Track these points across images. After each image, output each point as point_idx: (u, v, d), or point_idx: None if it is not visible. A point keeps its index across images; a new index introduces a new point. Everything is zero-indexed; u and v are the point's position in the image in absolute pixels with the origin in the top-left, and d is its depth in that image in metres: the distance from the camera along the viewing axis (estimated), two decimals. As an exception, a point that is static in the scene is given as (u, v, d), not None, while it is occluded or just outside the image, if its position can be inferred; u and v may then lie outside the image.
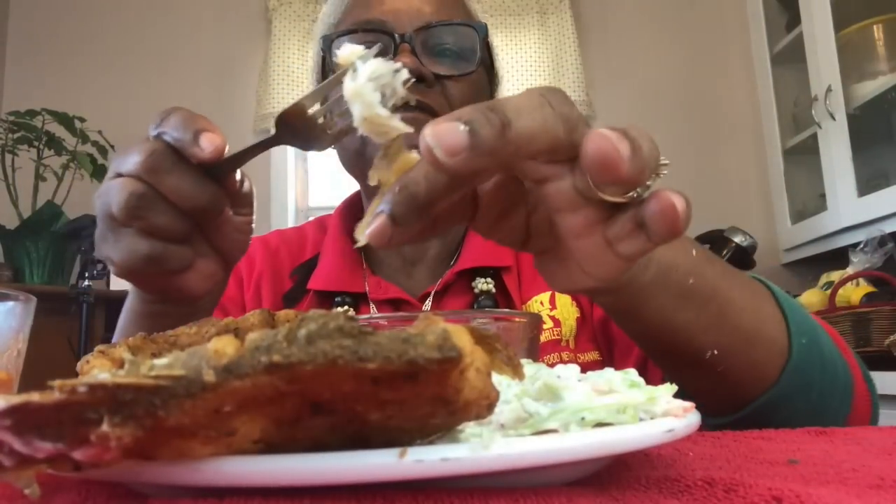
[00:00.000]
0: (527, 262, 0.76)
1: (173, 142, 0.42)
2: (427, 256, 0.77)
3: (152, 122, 0.43)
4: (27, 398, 0.19)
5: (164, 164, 0.41)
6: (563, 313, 0.73)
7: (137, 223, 0.42)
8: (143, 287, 0.49)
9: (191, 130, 0.41)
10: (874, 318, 1.60)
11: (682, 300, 0.44)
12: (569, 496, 0.24)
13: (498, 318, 0.43)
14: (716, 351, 0.46)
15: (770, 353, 0.48)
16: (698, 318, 0.45)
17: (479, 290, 0.73)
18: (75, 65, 2.48)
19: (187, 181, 0.42)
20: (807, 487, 0.24)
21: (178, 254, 0.44)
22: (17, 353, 0.40)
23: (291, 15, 2.48)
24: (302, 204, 2.53)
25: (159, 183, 0.42)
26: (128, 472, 0.22)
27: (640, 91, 2.52)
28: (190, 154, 0.42)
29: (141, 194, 0.41)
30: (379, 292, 0.74)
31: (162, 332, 0.34)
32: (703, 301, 0.45)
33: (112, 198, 0.42)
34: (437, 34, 0.70)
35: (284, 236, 0.84)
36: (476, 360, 0.22)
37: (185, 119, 0.42)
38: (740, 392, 0.49)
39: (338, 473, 0.21)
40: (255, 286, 0.78)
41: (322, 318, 0.20)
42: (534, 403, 0.28)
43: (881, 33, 1.98)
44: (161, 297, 0.50)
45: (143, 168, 0.41)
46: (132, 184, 0.42)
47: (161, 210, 0.42)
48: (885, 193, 1.78)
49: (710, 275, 0.45)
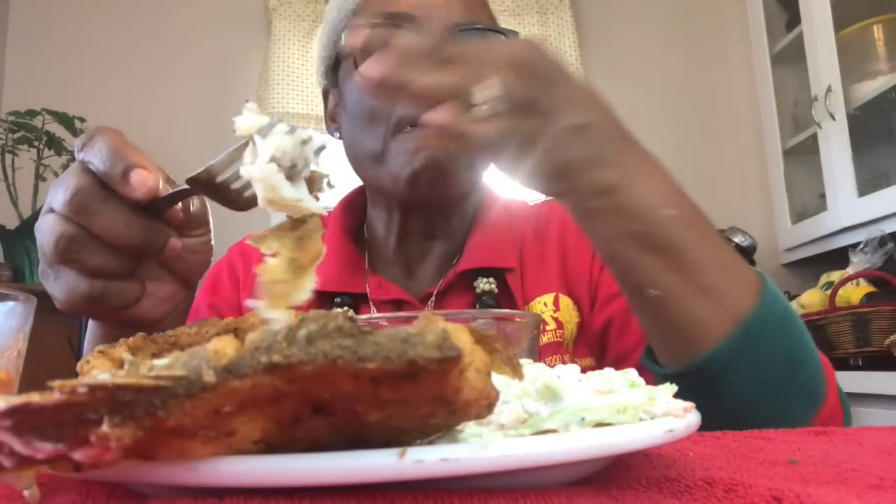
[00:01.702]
0: (530, 263, 0.76)
1: (102, 176, 0.39)
2: (429, 257, 0.76)
3: (77, 144, 0.41)
4: (27, 399, 0.19)
5: (93, 204, 0.39)
6: (565, 316, 0.72)
7: (71, 265, 0.40)
8: (95, 318, 0.48)
9: (120, 165, 0.38)
10: (874, 318, 1.60)
11: (629, 238, 0.47)
12: (569, 496, 0.24)
13: (498, 318, 0.43)
14: (656, 292, 0.48)
15: (717, 314, 0.48)
16: (643, 258, 0.47)
17: (480, 291, 0.72)
18: (75, 65, 2.48)
19: (119, 220, 0.39)
20: (807, 487, 0.24)
21: (122, 290, 0.42)
22: (17, 353, 0.40)
23: (291, 15, 2.48)
24: (302, 204, 2.53)
25: (89, 224, 0.39)
26: (128, 472, 0.22)
27: (640, 91, 2.52)
28: (120, 192, 0.39)
29: (70, 236, 0.39)
30: (380, 293, 0.73)
31: (162, 333, 0.34)
32: (653, 248, 0.47)
33: (43, 238, 0.40)
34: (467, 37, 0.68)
35: None
36: (476, 359, 0.22)
37: (112, 150, 0.39)
38: (684, 343, 0.49)
39: (338, 473, 0.21)
40: (252, 287, 0.77)
41: (322, 319, 0.20)
42: (534, 403, 0.28)
43: (881, 33, 1.98)
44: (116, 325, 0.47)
45: (71, 208, 0.39)
46: (61, 224, 0.39)
47: (94, 250, 0.40)
48: (885, 193, 1.78)
49: (671, 229, 0.47)
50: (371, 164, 0.70)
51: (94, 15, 2.54)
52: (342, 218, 0.80)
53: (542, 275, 0.75)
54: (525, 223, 0.80)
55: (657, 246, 0.47)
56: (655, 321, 0.51)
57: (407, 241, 0.75)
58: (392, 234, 0.75)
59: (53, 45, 2.51)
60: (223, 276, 0.79)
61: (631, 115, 2.31)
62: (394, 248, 0.76)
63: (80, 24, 2.53)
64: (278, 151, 0.31)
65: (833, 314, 1.64)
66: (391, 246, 0.76)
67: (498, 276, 0.73)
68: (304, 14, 2.48)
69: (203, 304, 0.77)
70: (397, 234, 0.75)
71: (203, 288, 0.79)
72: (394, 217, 0.74)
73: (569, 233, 0.77)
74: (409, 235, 0.75)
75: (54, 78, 2.46)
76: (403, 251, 0.76)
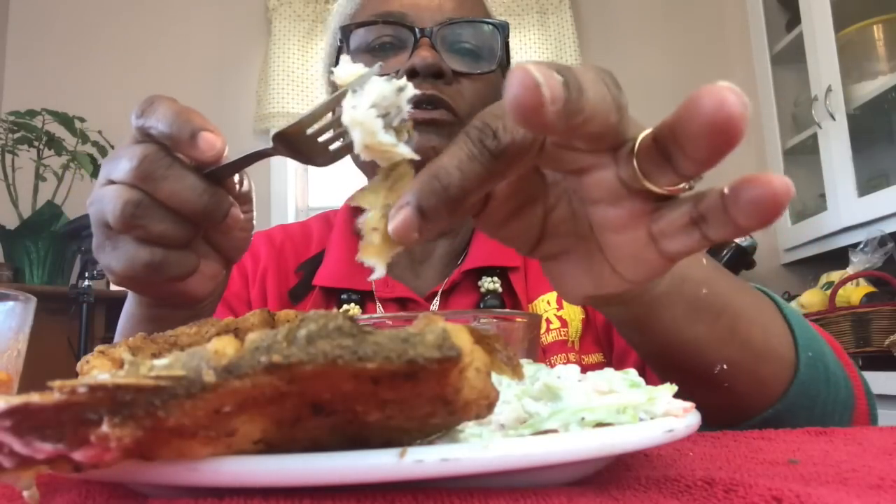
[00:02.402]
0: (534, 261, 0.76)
1: (167, 140, 0.39)
2: (435, 255, 0.76)
3: (135, 111, 0.40)
4: (27, 399, 0.19)
5: (159, 170, 0.39)
6: (569, 314, 0.72)
7: (135, 232, 0.40)
8: (145, 293, 0.48)
9: (187, 129, 0.38)
10: (874, 318, 1.60)
11: (695, 312, 0.42)
12: (569, 496, 0.24)
13: (498, 318, 0.43)
14: (725, 366, 0.44)
15: (778, 369, 0.47)
16: (710, 331, 0.43)
17: (485, 290, 0.72)
18: (75, 65, 2.48)
19: (186, 186, 0.39)
20: (807, 487, 0.24)
21: (181, 260, 0.41)
22: (17, 353, 0.40)
23: (291, 15, 2.48)
24: (302, 204, 2.53)
25: (155, 190, 0.39)
26: (128, 472, 0.22)
27: (640, 91, 2.51)
28: (188, 155, 0.39)
29: (137, 202, 0.39)
30: (386, 291, 0.74)
31: (162, 333, 0.34)
32: (715, 314, 0.43)
33: (106, 206, 0.40)
34: (459, 30, 0.69)
35: (288, 231, 0.83)
36: (476, 359, 0.22)
37: (177, 114, 0.39)
38: (745, 406, 0.48)
39: (338, 473, 0.21)
40: (261, 282, 0.77)
41: (322, 319, 0.20)
42: (534, 403, 0.28)
43: (881, 33, 1.98)
44: (163, 302, 0.48)
45: (137, 175, 0.39)
46: (126, 191, 0.39)
47: (159, 217, 0.39)
48: (885, 193, 1.78)
49: (722, 286, 0.44)
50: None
51: (94, 15, 2.54)
52: (349, 215, 0.80)
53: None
54: None
55: (719, 311, 0.43)
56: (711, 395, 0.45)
57: None
58: None
59: (53, 45, 2.51)
60: (232, 272, 0.79)
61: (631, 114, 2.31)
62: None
63: (80, 24, 2.53)
64: (378, 98, 0.32)
65: (833, 314, 1.64)
66: None
67: (502, 275, 0.73)
68: (304, 14, 2.48)
69: None
70: None
71: None
72: None
73: None
74: None
75: (54, 78, 2.46)
76: (409, 249, 0.76)
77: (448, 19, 0.68)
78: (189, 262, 0.42)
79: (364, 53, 0.70)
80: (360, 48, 0.70)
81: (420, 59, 0.65)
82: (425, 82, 0.65)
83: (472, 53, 0.71)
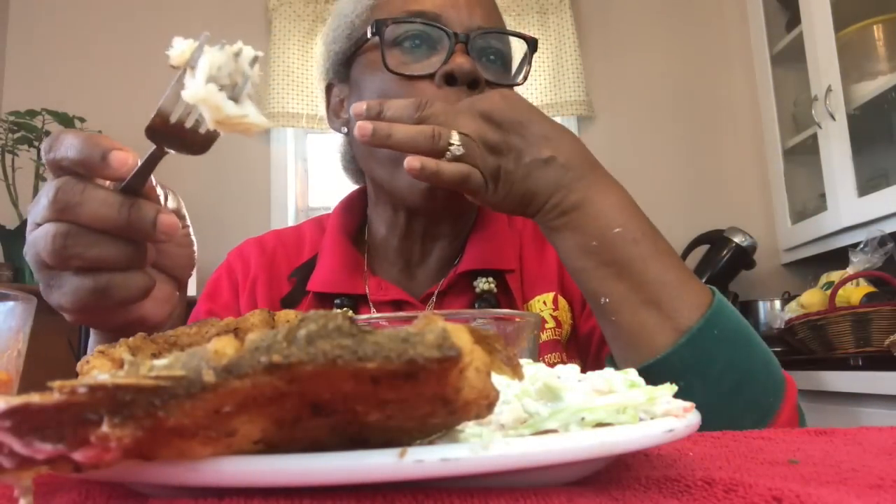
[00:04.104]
0: (529, 262, 0.76)
1: (80, 167, 0.40)
2: (430, 259, 0.76)
3: (43, 147, 0.42)
4: (27, 399, 0.19)
5: (74, 197, 0.40)
6: (563, 315, 0.73)
7: (72, 262, 0.41)
8: (103, 326, 0.48)
9: (97, 152, 0.40)
10: (874, 318, 1.60)
11: (584, 252, 0.55)
12: (569, 496, 0.24)
13: (498, 318, 0.43)
14: (607, 300, 0.55)
15: (662, 324, 0.54)
16: (595, 269, 0.55)
17: (480, 290, 0.72)
18: (75, 65, 2.48)
19: (103, 204, 0.40)
20: (807, 487, 0.24)
21: (127, 281, 0.42)
22: (17, 353, 0.40)
23: (291, 15, 2.48)
24: (302, 204, 2.53)
25: (77, 216, 0.40)
26: (128, 472, 0.22)
27: (640, 91, 2.52)
28: (103, 176, 0.40)
29: (64, 233, 0.40)
30: (380, 294, 0.73)
31: (162, 333, 0.34)
32: (604, 261, 0.55)
33: (39, 247, 0.41)
34: (490, 40, 0.69)
35: (281, 237, 0.83)
36: (476, 359, 0.22)
37: (85, 141, 0.40)
38: (633, 349, 0.55)
39: (338, 473, 0.21)
40: (250, 291, 0.77)
41: (322, 319, 0.20)
42: (534, 403, 0.28)
43: (881, 33, 1.98)
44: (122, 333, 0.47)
45: (56, 208, 0.40)
46: (52, 227, 0.40)
47: (90, 242, 0.40)
48: (885, 193, 1.78)
49: (619, 245, 0.54)
50: (389, 164, 0.69)
51: (94, 15, 2.54)
52: (342, 220, 0.80)
53: (541, 274, 0.76)
54: (524, 222, 0.81)
55: (607, 260, 0.54)
56: (608, 328, 0.57)
57: (409, 241, 0.75)
58: (395, 234, 0.75)
59: (53, 45, 2.51)
60: (222, 281, 0.79)
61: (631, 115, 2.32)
62: (395, 249, 0.76)
63: (80, 24, 2.53)
64: (213, 69, 0.32)
65: (833, 314, 1.64)
66: (393, 246, 0.76)
67: (498, 275, 0.74)
68: (304, 14, 2.48)
69: (202, 310, 0.77)
70: (400, 235, 0.75)
71: (203, 295, 0.79)
72: (399, 217, 0.74)
73: None
74: (413, 236, 0.75)
75: (54, 78, 2.46)
76: (405, 252, 0.76)
77: (480, 27, 0.68)
78: (136, 282, 0.43)
79: (395, 49, 0.69)
80: (392, 44, 0.69)
81: (458, 65, 0.65)
82: (461, 91, 0.65)
83: (502, 64, 0.71)
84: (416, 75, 0.67)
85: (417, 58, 0.68)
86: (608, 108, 2.50)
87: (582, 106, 2.42)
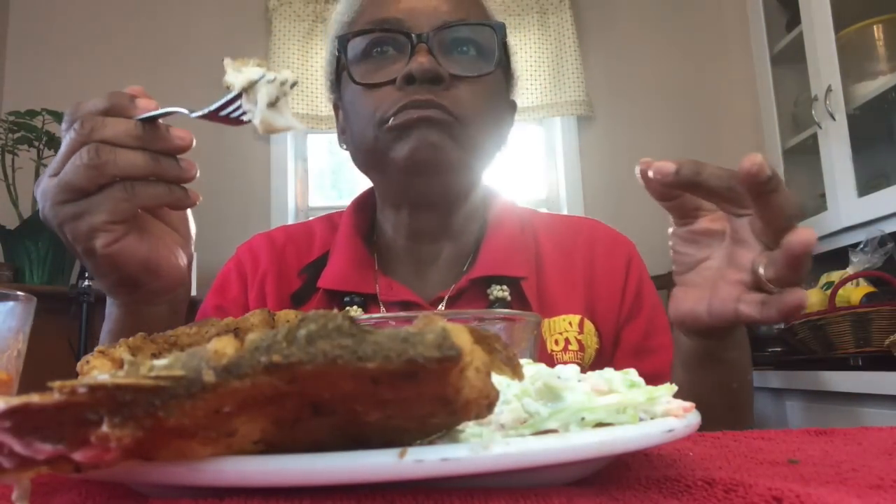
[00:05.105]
0: (553, 276, 0.75)
1: (109, 109, 0.47)
2: (440, 259, 0.76)
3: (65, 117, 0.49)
4: (27, 400, 0.19)
5: (96, 122, 0.47)
6: (587, 340, 0.73)
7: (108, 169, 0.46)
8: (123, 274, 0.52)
9: (125, 97, 0.48)
10: (874, 318, 1.59)
11: (740, 350, 0.60)
12: (569, 496, 0.24)
13: (498, 319, 0.43)
14: (735, 384, 0.60)
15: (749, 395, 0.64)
16: (741, 358, 0.61)
17: (493, 298, 0.71)
18: (75, 65, 2.48)
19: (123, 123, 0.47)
20: (807, 487, 0.24)
21: (153, 187, 0.48)
22: (17, 353, 0.40)
23: (291, 15, 2.48)
24: (302, 204, 2.53)
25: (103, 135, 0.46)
26: (128, 472, 0.22)
27: (640, 91, 2.52)
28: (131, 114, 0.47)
29: (95, 148, 0.46)
30: (390, 294, 0.73)
31: (162, 333, 0.34)
32: (742, 354, 0.61)
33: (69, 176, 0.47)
34: (455, 33, 0.69)
35: (291, 233, 0.82)
36: (476, 359, 0.22)
37: (111, 94, 0.48)
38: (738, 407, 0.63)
39: (338, 473, 0.21)
40: (259, 286, 0.76)
41: (322, 319, 0.20)
42: (534, 403, 0.28)
43: (881, 33, 1.97)
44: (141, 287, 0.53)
45: (83, 132, 0.46)
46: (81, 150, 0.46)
47: (118, 153, 0.46)
48: (885, 193, 1.78)
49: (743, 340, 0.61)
50: (371, 158, 0.71)
51: (94, 15, 2.54)
52: (354, 218, 0.79)
53: (567, 293, 0.75)
54: (546, 233, 0.80)
55: (745, 351, 0.62)
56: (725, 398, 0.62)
57: (415, 241, 0.75)
58: (400, 234, 0.75)
59: (53, 45, 2.51)
60: (231, 276, 0.79)
61: (631, 114, 2.32)
62: (403, 249, 0.76)
63: (80, 25, 2.53)
64: (268, 98, 0.43)
65: (833, 314, 1.64)
66: (400, 247, 0.76)
67: (512, 283, 0.72)
68: (304, 14, 2.48)
69: (210, 306, 0.77)
70: (405, 235, 0.75)
71: (211, 290, 0.79)
72: (402, 215, 0.74)
73: (598, 262, 0.77)
74: (418, 235, 0.75)
75: (54, 78, 2.46)
76: (413, 252, 0.75)
77: (444, 22, 0.68)
78: (161, 189, 0.49)
79: (362, 62, 0.70)
80: (358, 57, 0.70)
81: (417, 65, 0.65)
82: (422, 88, 0.65)
83: (470, 56, 0.70)
84: (379, 83, 0.68)
85: (384, 65, 0.69)
86: (608, 108, 2.50)
87: (582, 106, 2.42)
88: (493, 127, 0.73)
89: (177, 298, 0.57)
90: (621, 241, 0.81)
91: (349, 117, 0.73)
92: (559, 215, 0.87)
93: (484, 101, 0.69)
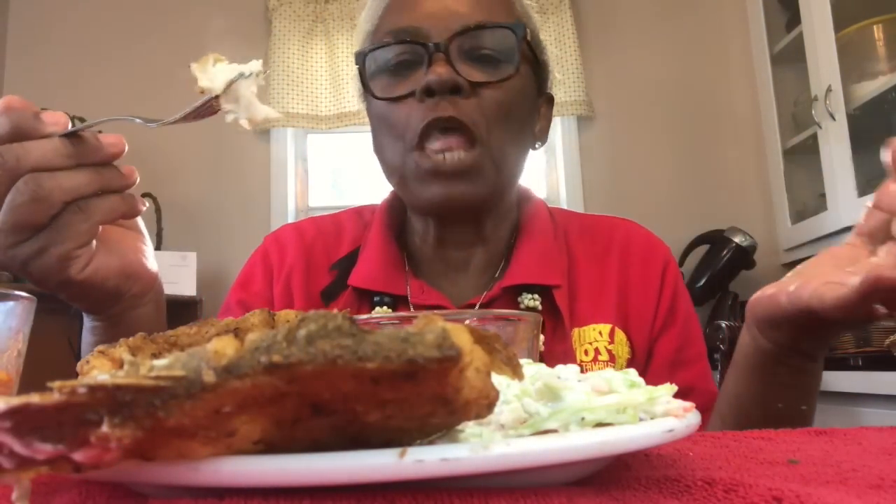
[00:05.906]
0: (585, 283, 0.74)
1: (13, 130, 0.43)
2: (472, 263, 0.74)
3: None
4: (27, 400, 0.19)
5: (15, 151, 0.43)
6: (618, 350, 0.71)
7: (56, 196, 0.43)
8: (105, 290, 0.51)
9: (28, 112, 0.43)
10: (874, 318, 1.59)
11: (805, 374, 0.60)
12: (569, 496, 0.24)
13: (499, 319, 0.43)
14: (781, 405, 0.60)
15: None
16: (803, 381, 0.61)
17: (525, 307, 0.70)
18: (75, 65, 2.48)
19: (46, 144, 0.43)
20: (807, 487, 0.24)
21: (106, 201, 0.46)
22: (17, 353, 0.40)
23: (291, 15, 2.48)
24: (302, 204, 2.53)
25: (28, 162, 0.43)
26: (128, 472, 0.22)
27: (640, 91, 2.52)
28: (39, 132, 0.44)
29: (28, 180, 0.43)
30: (422, 297, 0.72)
31: (162, 333, 0.34)
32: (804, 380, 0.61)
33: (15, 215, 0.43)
34: (473, 39, 0.67)
35: (320, 226, 0.80)
36: (475, 359, 0.22)
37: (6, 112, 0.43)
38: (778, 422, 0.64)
39: (338, 473, 0.21)
40: (286, 280, 0.75)
41: (321, 319, 0.20)
42: (534, 403, 0.28)
43: (881, 33, 1.98)
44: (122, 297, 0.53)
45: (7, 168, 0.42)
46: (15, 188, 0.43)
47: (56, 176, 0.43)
48: (885, 193, 1.78)
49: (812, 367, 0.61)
50: (396, 178, 0.70)
51: (94, 15, 2.54)
52: (386, 217, 0.78)
53: (599, 302, 0.73)
54: (578, 238, 0.78)
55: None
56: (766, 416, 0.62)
57: (445, 249, 0.74)
58: (428, 243, 0.74)
59: (53, 45, 2.51)
60: (256, 269, 0.77)
61: (631, 114, 2.32)
62: (433, 254, 0.75)
63: (80, 25, 2.53)
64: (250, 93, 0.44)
65: (833, 314, 1.64)
66: (430, 251, 0.75)
67: (544, 291, 0.71)
68: (304, 14, 2.48)
69: (233, 301, 0.76)
70: (433, 244, 0.74)
71: (235, 284, 0.78)
72: (430, 226, 0.73)
73: (632, 270, 0.75)
74: (447, 244, 0.74)
75: (54, 78, 2.46)
76: (443, 258, 0.74)
77: (462, 27, 0.66)
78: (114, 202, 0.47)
79: (382, 75, 0.69)
80: (378, 70, 0.69)
81: (434, 76, 0.64)
82: (443, 100, 0.64)
83: (491, 59, 0.68)
84: (399, 96, 0.67)
85: (404, 77, 0.68)
86: (608, 108, 2.50)
87: (582, 106, 2.42)
88: (523, 127, 0.71)
89: (157, 293, 0.57)
90: (657, 246, 0.77)
91: (374, 131, 0.73)
92: (594, 216, 0.83)
93: (509, 104, 0.68)
